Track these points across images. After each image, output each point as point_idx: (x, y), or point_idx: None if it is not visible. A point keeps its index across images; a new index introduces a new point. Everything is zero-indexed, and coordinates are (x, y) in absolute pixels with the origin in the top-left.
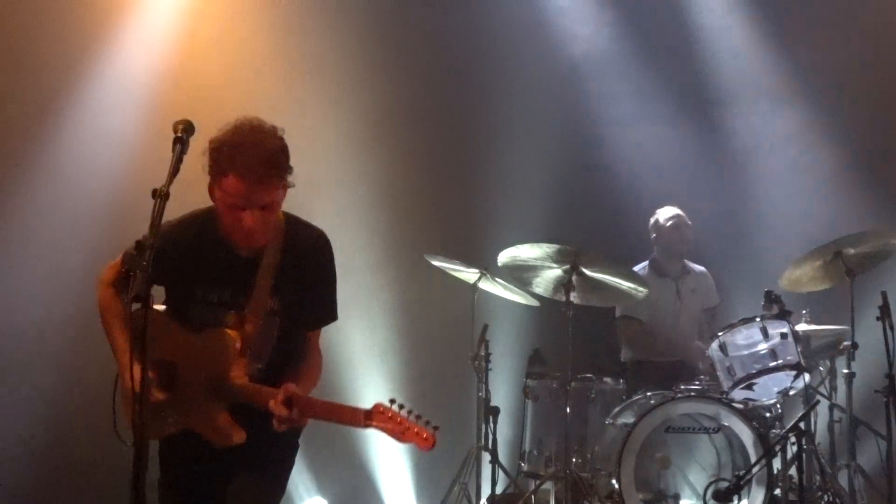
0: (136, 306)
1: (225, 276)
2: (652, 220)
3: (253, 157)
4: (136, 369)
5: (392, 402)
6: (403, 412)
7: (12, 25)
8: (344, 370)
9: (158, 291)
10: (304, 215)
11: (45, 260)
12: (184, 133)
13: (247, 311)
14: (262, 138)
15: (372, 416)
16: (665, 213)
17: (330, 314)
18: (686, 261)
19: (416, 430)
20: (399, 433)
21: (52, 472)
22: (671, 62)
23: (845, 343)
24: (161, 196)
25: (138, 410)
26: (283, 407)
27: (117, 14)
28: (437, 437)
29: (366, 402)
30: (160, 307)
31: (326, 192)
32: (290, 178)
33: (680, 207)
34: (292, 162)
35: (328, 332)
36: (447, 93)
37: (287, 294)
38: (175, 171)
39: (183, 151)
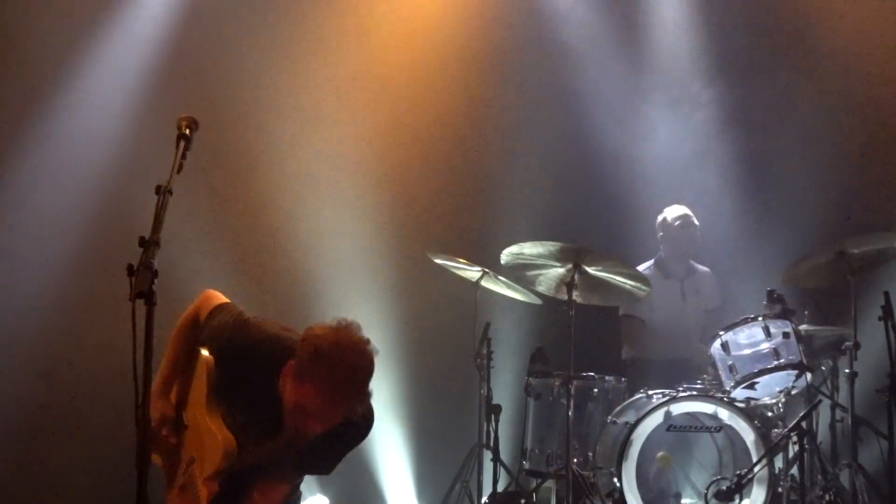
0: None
1: (259, 416)
2: (659, 219)
3: (344, 380)
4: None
5: None
6: None
7: (4, 17)
8: None
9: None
10: (309, 210)
11: (46, 255)
12: (188, 129)
13: (252, 451)
14: (358, 363)
15: None
16: (672, 213)
17: (324, 472)
18: (691, 261)
19: None
20: None
21: (53, 466)
22: (681, 56)
23: (847, 343)
24: (165, 192)
25: (140, 407)
26: None
27: (113, 3)
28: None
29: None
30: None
31: (330, 189)
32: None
33: (684, 205)
34: (294, 161)
35: None
36: (450, 90)
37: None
38: (179, 167)
39: (187, 147)
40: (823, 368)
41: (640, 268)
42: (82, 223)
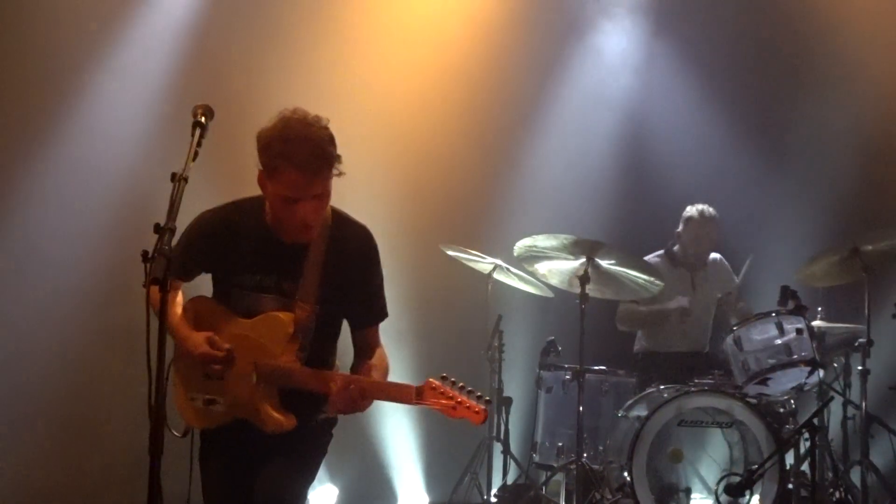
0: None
1: (269, 263)
2: (684, 213)
3: (305, 150)
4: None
5: (444, 378)
6: (454, 388)
7: (25, 12)
8: None
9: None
10: None
11: (65, 252)
12: (203, 117)
13: (297, 299)
14: (311, 131)
15: (423, 394)
16: (693, 215)
17: (382, 312)
18: None
19: (467, 404)
20: (450, 409)
21: (68, 471)
22: (699, 52)
23: (860, 340)
24: (180, 180)
25: (154, 395)
26: (339, 387)
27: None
28: (489, 409)
29: None
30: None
31: (344, 181)
32: (339, 167)
33: (698, 200)
34: None
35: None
36: (468, 82)
37: (333, 286)
38: (194, 155)
39: (202, 135)
40: (836, 365)
41: (649, 257)
42: (105, 213)
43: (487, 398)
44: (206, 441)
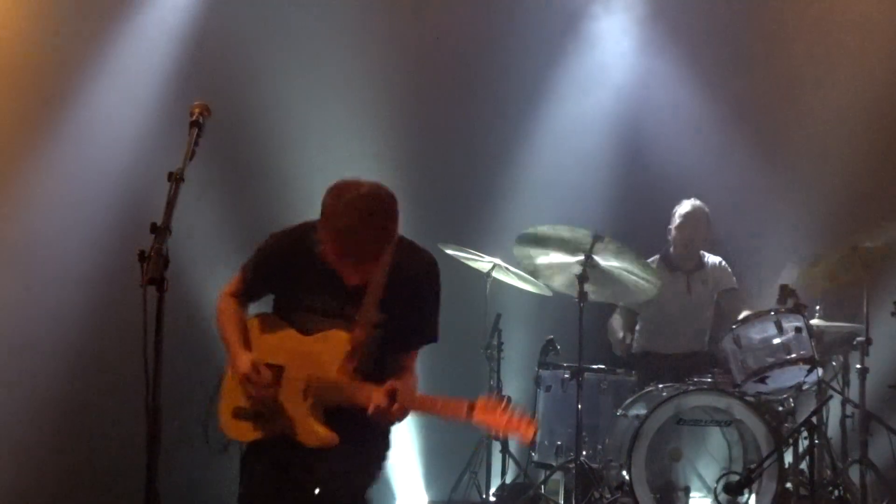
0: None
1: (334, 287)
2: (673, 213)
3: (357, 246)
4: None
5: (498, 395)
6: (503, 405)
7: (23, 11)
8: None
9: None
10: (317, 200)
11: (64, 250)
12: (200, 116)
13: (357, 320)
14: (369, 222)
15: (475, 410)
16: (682, 209)
17: (431, 338)
18: (703, 252)
19: (516, 422)
20: (500, 426)
21: (69, 476)
22: (696, 45)
23: (859, 338)
24: (177, 179)
25: (151, 397)
26: (383, 397)
27: None
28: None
29: None
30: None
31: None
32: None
33: (699, 199)
34: (308, 152)
35: None
36: (467, 80)
37: (393, 312)
38: (191, 154)
39: (199, 135)
40: (834, 364)
41: (647, 261)
42: (104, 212)
43: (531, 416)
44: (248, 458)
